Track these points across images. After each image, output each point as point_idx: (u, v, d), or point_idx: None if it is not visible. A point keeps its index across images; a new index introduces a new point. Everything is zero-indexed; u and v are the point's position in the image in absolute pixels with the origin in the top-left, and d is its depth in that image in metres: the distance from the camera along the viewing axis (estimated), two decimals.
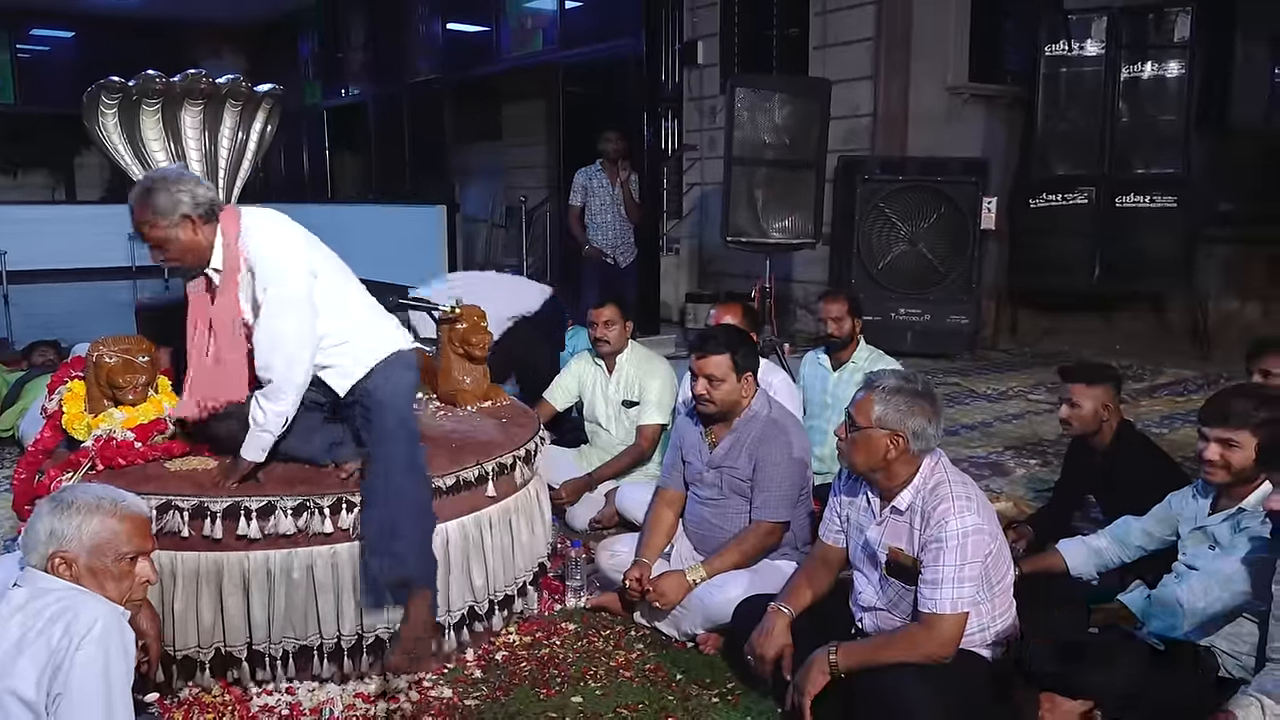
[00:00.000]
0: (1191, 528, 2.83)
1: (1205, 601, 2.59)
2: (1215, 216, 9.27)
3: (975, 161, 8.36)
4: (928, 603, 2.51)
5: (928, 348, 8.09)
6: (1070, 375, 3.51)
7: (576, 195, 7.71)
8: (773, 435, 3.20)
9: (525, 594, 3.28)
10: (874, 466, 2.61)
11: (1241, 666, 2.63)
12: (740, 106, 7.59)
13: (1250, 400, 2.72)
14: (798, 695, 2.54)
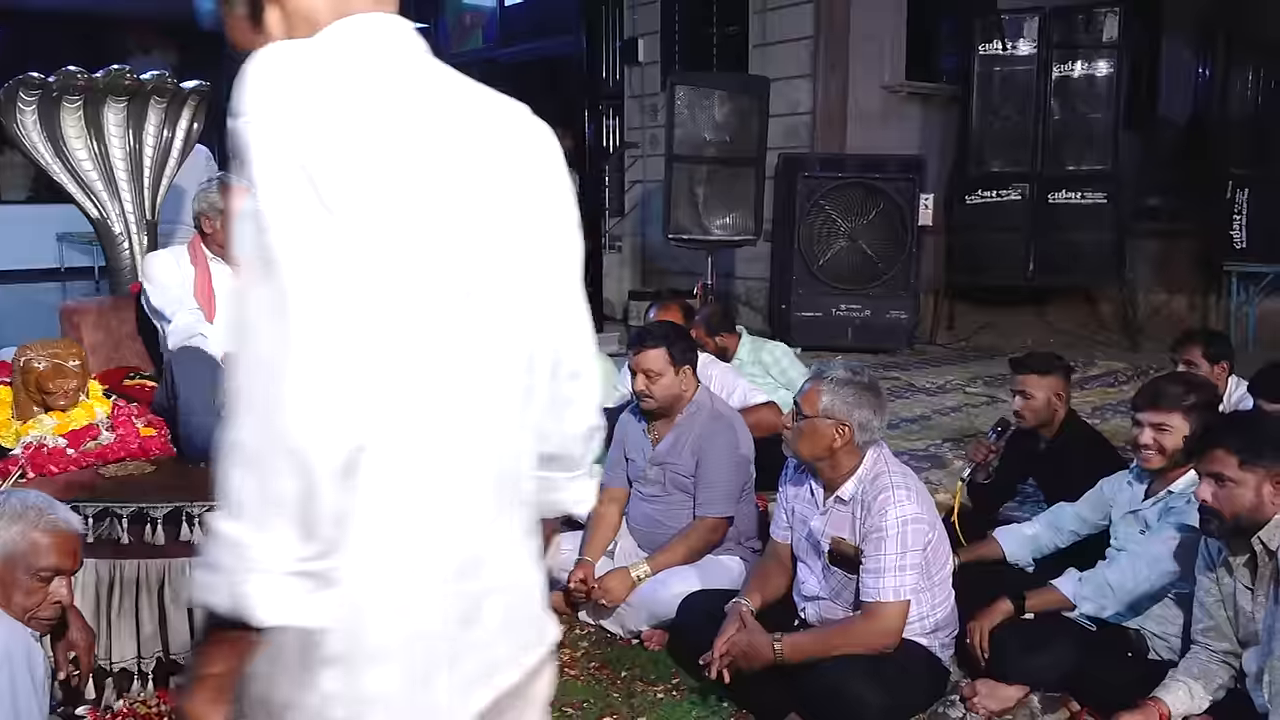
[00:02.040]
0: (1124, 512, 2.91)
1: (1134, 582, 2.68)
2: (1143, 212, 9.53)
3: (912, 159, 8.49)
4: (870, 592, 2.55)
5: (868, 342, 8.19)
6: (1022, 366, 3.56)
7: None
8: (715, 430, 3.22)
9: None
10: (818, 455, 2.64)
11: (1170, 648, 2.72)
12: (681, 104, 7.63)
13: (1180, 385, 2.84)
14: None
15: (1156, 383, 2.91)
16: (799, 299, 8.26)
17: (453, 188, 1.07)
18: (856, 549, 2.61)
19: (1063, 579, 2.80)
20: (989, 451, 3.57)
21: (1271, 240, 7.94)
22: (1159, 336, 7.92)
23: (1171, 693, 2.42)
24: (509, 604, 1.15)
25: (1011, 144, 8.64)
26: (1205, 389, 2.87)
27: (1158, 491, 2.82)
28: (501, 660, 1.15)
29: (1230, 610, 2.42)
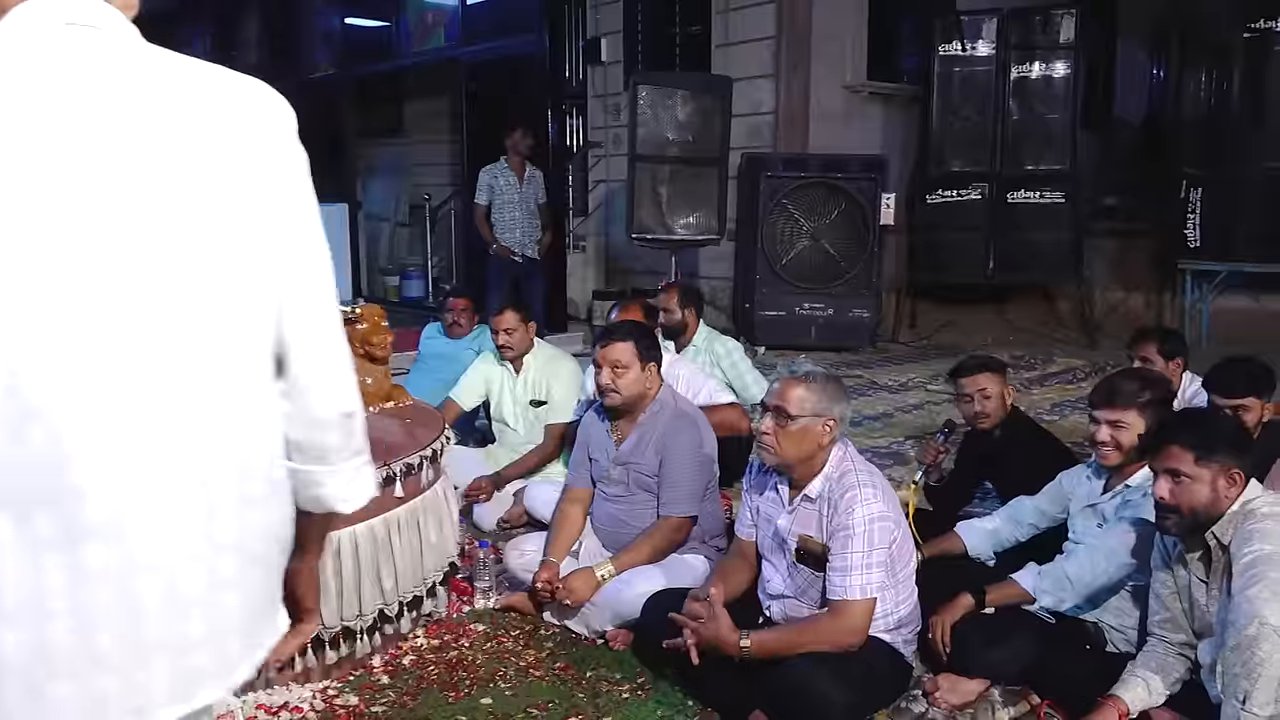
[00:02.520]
0: (1082, 506, 2.96)
1: (1092, 575, 2.72)
2: (1100, 211, 9.67)
3: (874, 159, 8.55)
4: (837, 589, 2.56)
5: (831, 341, 8.24)
6: (972, 369, 3.60)
7: (482, 194, 7.66)
8: (679, 429, 3.23)
9: (434, 595, 3.24)
10: (805, 456, 2.64)
11: (1127, 640, 2.76)
12: (643, 104, 7.63)
13: (1135, 382, 2.87)
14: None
15: (1112, 380, 2.95)
16: (762, 298, 8.30)
17: (68, 173, 1.00)
18: (823, 547, 2.62)
19: (1022, 573, 2.84)
20: (938, 452, 3.61)
21: (1224, 238, 8.08)
22: (1116, 334, 8.04)
23: (1130, 689, 2.45)
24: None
25: (971, 144, 8.73)
26: (1160, 385, 2.92)
27: (1115, 486, 2.87)
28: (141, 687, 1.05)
29: (1186, 603, 2.46)
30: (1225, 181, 8.06)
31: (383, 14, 11.37)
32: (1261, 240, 7.90)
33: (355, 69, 11.62)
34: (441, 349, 5.26)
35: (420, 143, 12.43)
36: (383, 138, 12.66)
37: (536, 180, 7.77)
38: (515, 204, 7.64)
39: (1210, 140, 8.26)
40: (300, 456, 1.21)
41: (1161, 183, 8.57)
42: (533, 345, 4.48)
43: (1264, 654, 2.06)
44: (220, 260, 1.08)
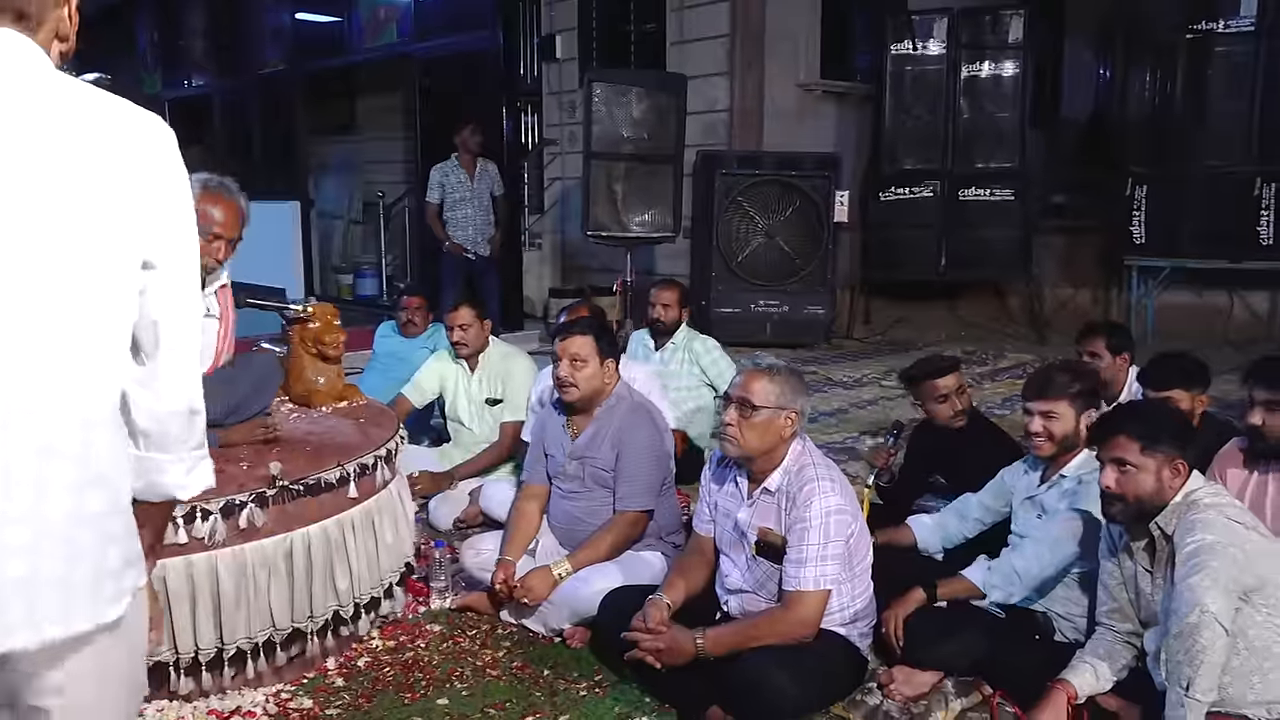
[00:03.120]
0: (1023, 498, 3.01)
1: (1039, 567, 2.77)
2: (1049, 209, 9.83)
3: (828, 156, 8.61)
4: (792, 581, 2.58)
5: (786, 337, 8.29)
6: (931, 372, 3.65)
7: (434, 192, 7.62)
8: (635, 423, 3.23)
9: (392, 595, 3.22)
10: (767, 447, 2.66)
11: (1075, 628, 2.82)
12: (598, 101, 7.62)
13: (1065, 374, 2.95)
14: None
15: (1043, 372, 3.02)
16: (718, 295, 8.33)
17: None
18: (783, 539, 2.64)
19: (972, 568, 2.88)
20: (889, 455, 3.67)
21: (1168, 235, 8.25)
22: (1065, 329, 8.17)
23: (1079, 674, 2.50)
24: None
25: (923, 142, 8.83)
26: (1089, 376, 3.00)
27: (1051, 477, 2.94)
28: None
29: (1132, 593, 2.51)
30: (1169, 180, 8.24)
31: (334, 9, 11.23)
32: (1203, 237, 8.08)
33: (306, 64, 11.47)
34: (396, 348, 5.22)
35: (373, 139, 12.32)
36: (335, 134, 12.53)
37: (490, 174, 7.74)
38: (468, 201, 7.61)
39: (1154, 139, 8.43)
40: (145, 443, 1.36)
41: (1108, 181, 8.74)
42: (488, 343, 4.46)
43: (1206, 641, 2.11)
44: (85, 255, 1.22)
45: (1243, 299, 8.61)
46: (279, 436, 3.13)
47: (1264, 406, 2.67)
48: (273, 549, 2.75)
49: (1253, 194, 7.79)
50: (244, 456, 2.94)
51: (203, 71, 13.62)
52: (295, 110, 11.44)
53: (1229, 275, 8.30)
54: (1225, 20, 8.02)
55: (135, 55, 14.65)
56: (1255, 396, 2.70)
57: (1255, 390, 2.70)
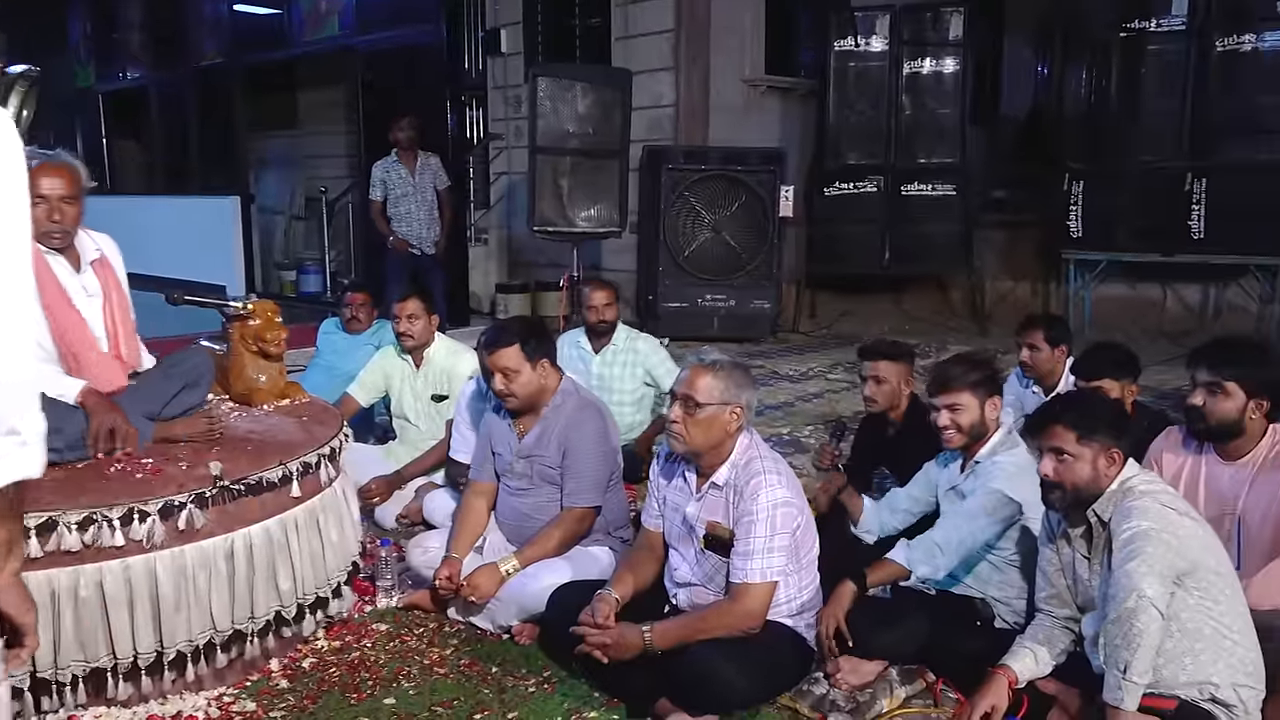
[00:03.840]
0: (945, 489, 3.09)
1: (957, 537, 2.84)
2: (989, 203, 9.98)
3: (773, 152, 8.66)
4: (739, 573, 2.60)
5: (733, 332, 8.33)
6: (871, 353, 3.68)
7: (376, 190, 7.55)
8: (581, 420, 3.22)
9: (340, 595, 3.18)
10: (714, 443, 2.67)
11: (1014, 612, 2.90)
12: (543, 96, 7.60)
13: (963, 365, 3.03)
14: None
15: (941, 368, 3.09)
16: (666, 290, 8.35)
17: None
18: (731, 533, 2.66)
19: (894, 550, 2.92)
20: (833, 455, 3.69)
21: (1105, 229, 8.42)
22: (1005, 322, 8.32)
23: (1019, 659, 2.55)
24: None
25: (866, 138, 8.92)
26: (985, 365, 3.07)
27: (968, 465, 3.01)
28: None
29: (1070, 579, 2.56)
30: (1104, 175, 8.40)
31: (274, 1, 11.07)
32: (1138, 232, 8.26)
33: (246, 57, 11.29)
34: (340, 345, 5.15)
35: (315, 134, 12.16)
36: (276, 129, 12.35)
37: (432, 167, 7.67)
38: (410, 196, 7.54)
39: (1090, 135, 8.60)
40: None
41: (1046, 176, 8.89)
42: (434, 338, 4.42)
43: (1142, 625, 2.17)
44: None
45: (1175, 292, 8.83)
46: (224, 432, 3.08)
47: (1205, 389, 2.73)
48: (213, 550, 2.70)
49: (1184, 189, 7.97)
50: (183, 456, 2.88)
51: (138, 64, 13.35)
52: (234, 104, 11.25)
53: (1162, 269, 8.50)
54: (1157, 19, 8.20)
55: (68, 48, 14.29)
56: (1197, 378, 2.77)
57: (1197, 372, 2.77)
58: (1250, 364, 2.74)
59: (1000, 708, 2.46)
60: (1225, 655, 2.29)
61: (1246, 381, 2.68)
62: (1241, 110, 7.94)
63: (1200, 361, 2.77)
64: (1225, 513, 2.73)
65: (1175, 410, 5.21)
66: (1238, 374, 2.69)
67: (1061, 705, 2.48)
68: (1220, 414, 2.71)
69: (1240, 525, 2.71)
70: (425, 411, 4.39)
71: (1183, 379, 6.44)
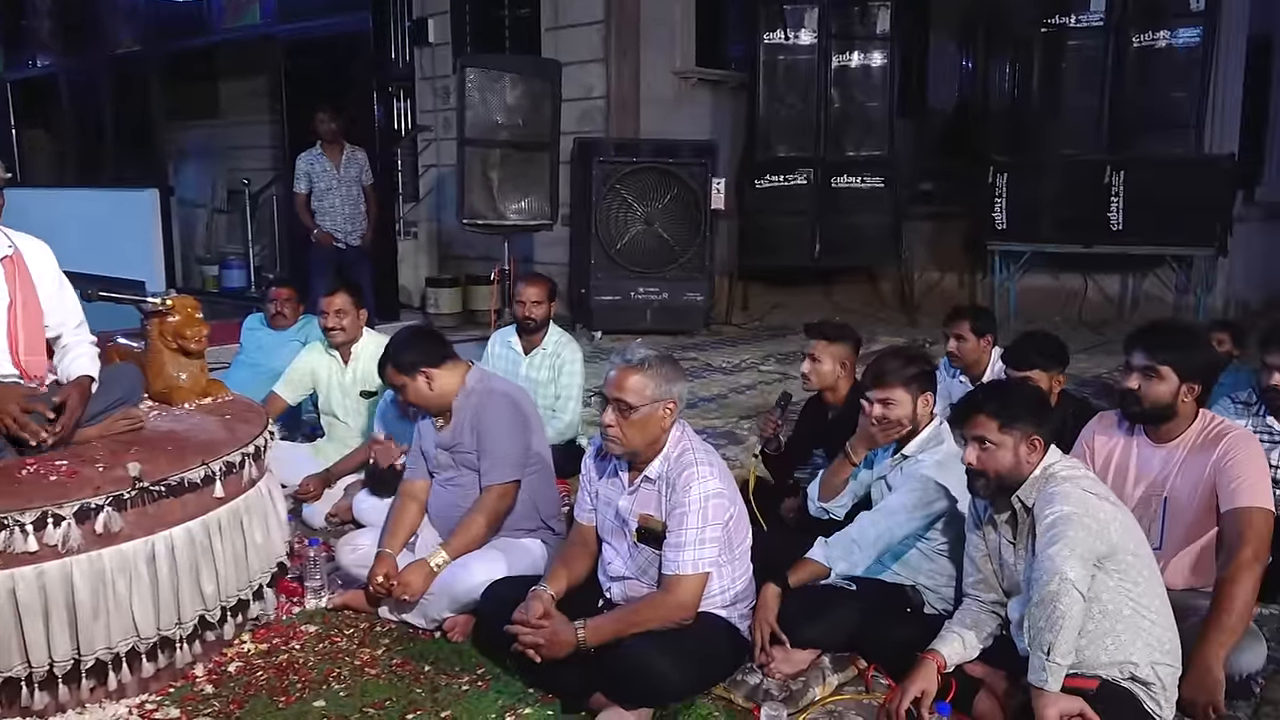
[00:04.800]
0: (875, 479, 3.13)
1: (875, 532, 2.89)
2: (917, 196, 10.18)
3: (704, 144, 8.70)
4: (671, 565, 2.61)
5: (666, 325, 8.37)
6: (815, 331, 3.72)
7: (300, 182, 7.43)
8: (489, 402, 3.23)
9: (262, 597, 3.12)
10: (651, 440, 2.68)
11: (943, 599, 2.95)
12: (471, 87, 7.54)
13: (898, 360, 3.06)
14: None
15: (877, 361, 3.11)
16: (598, 283, 8.34)
17: None
18: (663, 525, 2.66)
19: (813, 549, 2.95)
20: (775, 425, 3.75)
21: (1028, 221, 8.64)
22: (933, 312, 8.48)
23: (947, 644, 2.60)
24: None
25: (796, 130, 9.01)
26: (921, 360, 3.11)
27: (896, 457, 3.05)
28: None
29: (996, 564, 2.62)
30: (1027, 168, 8.62)
31: None
32: (1060, 223, 8.49)
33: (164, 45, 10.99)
34: (265, 341, 5.06)
35: (237, 124, 11.91)
36: (196, 119, 12.06)
37: (358, 161, 7.56)
38: (334, 190, 7.43)
39: (1013, 129, 8.82)
40: None
41: (972, 169, 9.09)
42: (362, 333, 4.36)
43: (1064, 607, 2.23)
44: None
45: (1095, 282, 9.08)
46: (143, 427, 3.01)
47: (1140, 373, 2.79)
48: (133, 554, 2.63)
49: (1103, 181, 8.21)
50: (100, 457, 2.80)
51: (48, 51, 12.91)
52: (151, 93, 10.96)
53: (1083, 259, 8.74)
54: (1077, 15, 8.44)
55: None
56: (1132, 363, 2.83)
57: (1133, 356, 2.83)
58: (1184, 349, 2.81)
59: (930, 692, 2.51)
60: (1144, 635, 2.37)
61: (1180, 366, 2.76)
62: (1156, 105, 8.22)
63: (1136, 346, 2.83)
64: (1154, 494, 2.82)
65: (1097, 398, 5.37)
66: (1172, 358, 2.76)
67: (988, 687, 2.54)
68: (1154, 397, 2.78)
69: (1166, 506, 2.80)
70: (354, 408, 4.33)
71: (1103, 367, 6.69)
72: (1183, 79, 8.13)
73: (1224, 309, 8.44)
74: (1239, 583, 2.56)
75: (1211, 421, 2.83)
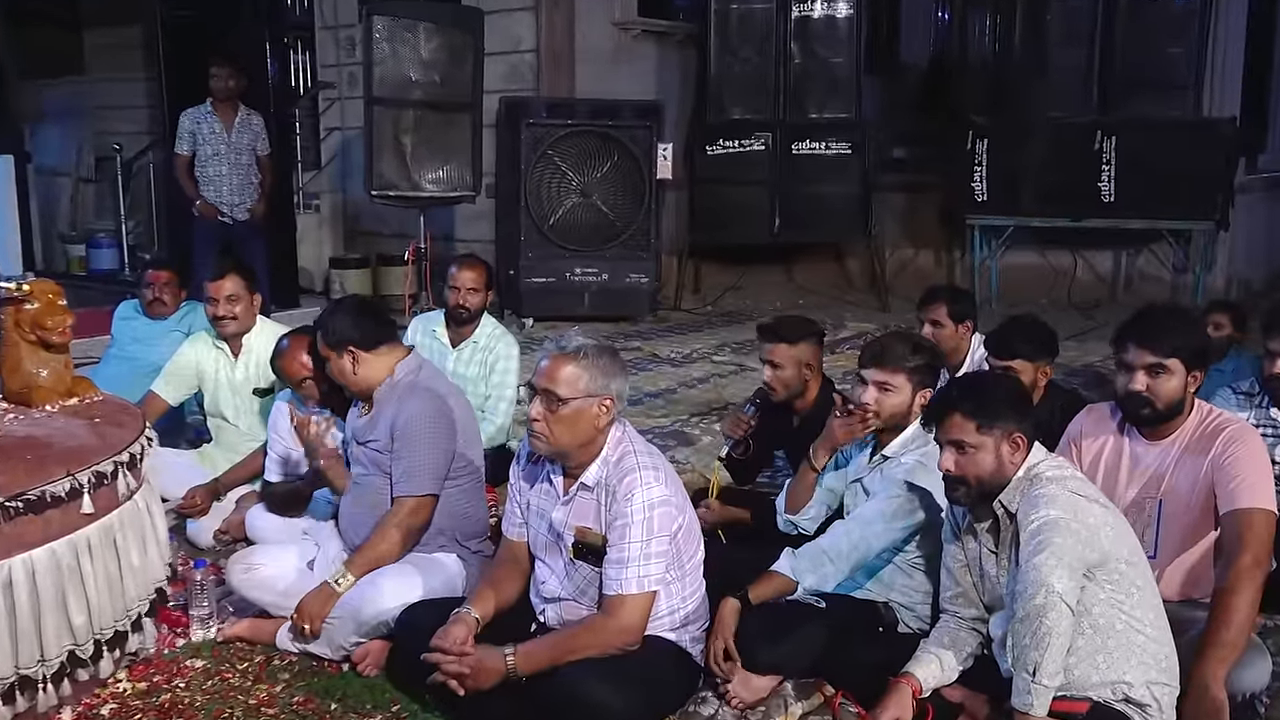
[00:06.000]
0: (850, 481, 3.17)
1: (849, 544, 2.91)
2: (888, 163, 10.27)
3: (649, 105, 8.72)
4: (613, 584, 2.62)
5: (607, 310, 8.38)
6: (770, 334, 3.67)
7: (183, 142, 7.28)
8: (411, 397, 3.21)
9: (140, 629, 3.08)
10: (581, 440, 2.67)
11: (918, 617, 3.00)
12: (380, 38, 7.48)
13: (905, 344, 3.08)
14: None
15: (883, 340, 3.15)
16: (529, 263, 8.32)
17: None
18: (603, 539, 2.67)
19: (779, 561, 2.98)
20: (747, 425, 3.70)
21: (1011, 192, 8.76)
22: (907, 294, 8.59)
23: (923, 666, 2.64)
24: None
25: (752, 89, 9.06)
26: (930, 352, 3.13)
27: (875, 457, 3.08)
28: None
29: (976, 576, 2.67)
30: (1010, 132, 8.74)
31: None
32: (1045, 194, 8.62)
33: None
34: (141, 332, 5.00)
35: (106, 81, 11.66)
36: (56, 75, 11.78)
37: (253, 126, 7.44)
38: (223, 156, 7.31)
39: (994, 87, 8.93)
40: None
41: (948, 133, 9.20)
42: (255, 322, 4.31)
43: (1051, 623, 2.27)
44: None
45: (1086, 260, 9.27)
46: None
47: (1147, 371, 2.78)
48: None
49: (1093, 147, 8.37)
50: None
51: None
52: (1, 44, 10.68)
53: (1072, 235, 8.91)
54: None
55: None
56: (1135, 361, 2.81)
57: (1135, 354, 2.81)
58: (1187, 335, 2.85)
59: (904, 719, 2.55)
60: (1138, 652, 2.42)
61: (1186, 355, 2.79)
62: (1151, 62, 8.37)
63: (1134, 340, 2.82)
64: (1148, 495, 2.87)
65: (1088, 389, 5.49)
66: (1178, 348, 2.79)
67: (969, 713, 2.59)
68: (1168, 396, 2.79)
69: (1161, 508, 2.85)
70: (245, 407, 4.29)
71: (1094, 354, 6.83)
72: (1180, 34, 8.31)
73: (1225, 288, 8.67)
74: (1239, 593, 2.60)
75: (1209, 415, 2.88)
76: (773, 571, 2.94)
